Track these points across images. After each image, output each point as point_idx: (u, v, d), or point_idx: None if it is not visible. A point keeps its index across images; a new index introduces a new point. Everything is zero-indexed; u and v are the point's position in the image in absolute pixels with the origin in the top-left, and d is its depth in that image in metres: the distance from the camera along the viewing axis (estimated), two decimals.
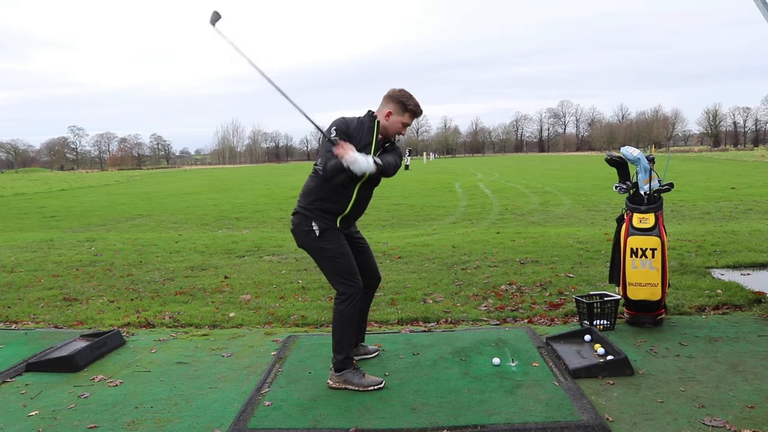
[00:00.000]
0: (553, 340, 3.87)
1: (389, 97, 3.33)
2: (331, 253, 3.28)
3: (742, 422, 2.71)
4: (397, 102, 3.30)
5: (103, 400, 3.25)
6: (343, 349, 3.31)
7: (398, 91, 3.32)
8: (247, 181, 33.53)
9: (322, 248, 3.28)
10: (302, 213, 3.30)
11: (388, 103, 3.32)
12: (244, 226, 12.37)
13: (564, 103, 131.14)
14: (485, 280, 5.88)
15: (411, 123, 3.38)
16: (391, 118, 3.30)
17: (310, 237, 3.28)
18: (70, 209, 18.28)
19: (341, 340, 3.29)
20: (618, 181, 4.51)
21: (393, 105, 3.30)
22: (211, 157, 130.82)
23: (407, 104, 3.29)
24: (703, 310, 4.62)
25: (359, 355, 3.68)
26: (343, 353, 3.31)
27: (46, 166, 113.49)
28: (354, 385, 3.27)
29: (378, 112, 3.34)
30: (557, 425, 2.75)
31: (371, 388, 3.26)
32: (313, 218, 3.26)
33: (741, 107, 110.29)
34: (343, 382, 3.29)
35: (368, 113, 3.36)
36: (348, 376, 3.29)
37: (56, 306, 5.51)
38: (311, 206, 3.28)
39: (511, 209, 13.70)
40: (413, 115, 3.35)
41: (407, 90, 3.35)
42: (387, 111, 3.31)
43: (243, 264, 7.29)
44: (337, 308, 3.28)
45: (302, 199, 3.33)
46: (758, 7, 4.47)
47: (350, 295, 3.27)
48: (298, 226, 3.32)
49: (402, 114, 3.31)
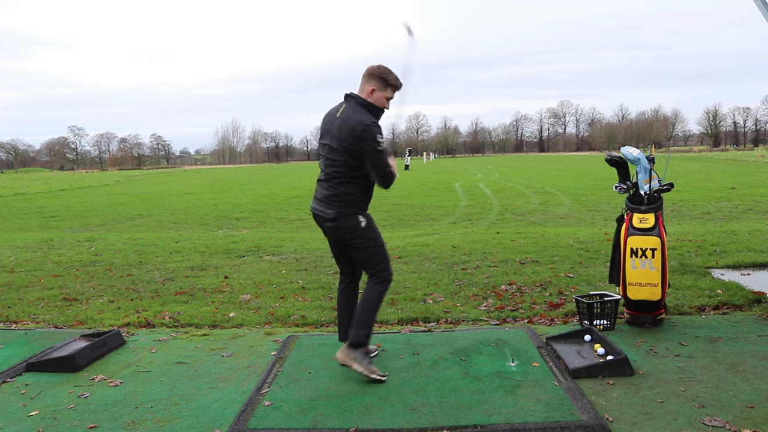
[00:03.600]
0: (553, 340, 3.87)
1: (369, 74, 3.39)
2: (378, 241, 3.47)
3: (742, 422, 2.71)
4: (378, 78, 3.36)
5: (103, 400, 3.25)
6: (368, 327, 3.42)
7: (377, 67, 3.39)
8: (247, 181, 33.53)
9: (369, 237, 3.43)
10: (345, 208, 3.38)
11: (369, 80, 3.38)
12: (244, 226, 12.37)
13: (564, 103, 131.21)
14: (485, 280, 5.88)
15: (393, 96, 3.44)
16: (375, 94, 3.37)
17: (357, 230, 3.39)
18: (70, 209, 18.29)
19: (370, 319, 3.42)
20: (618, 181, 4.51)
21: (375, 82, 3.37)
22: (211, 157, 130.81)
23: (388, 79, 3.37)
24: (703, 310, 4.62)
25: None
26: (365, 329, 3.41)
27: (46, 166, 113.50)
28: (359, 365, 3.35)
29: (360, 92, 3.40)
30: (557, 425, 2.75)
31: (373, 376, 3.33)
32: (356, 213, 3.40)
33: (741, 107, 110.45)
34: (352, 359, 3.37)
35: (352, 98, 3.39)
36: (358, 354, 3.37)
37: (56, 306, 5.51)
38: (354, 203, 3.39)
39: (511, 209, 13.70)
40: (395, 89, 3.42)
41: (385, 65, 3.42)
42: (370, 89, 3.37)
43: (243, 264, 7.29)
44: (375, 288, 3.42)
45: (340, 197, 3.39)
46: (758, 7, 4.48)
47: (387, 285, 3.46)
48: (341, 221, 3.39)
49: (384, 89, 3.38)
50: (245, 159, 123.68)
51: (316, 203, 3.52)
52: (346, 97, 3.44)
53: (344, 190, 3.38)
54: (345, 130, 3.29)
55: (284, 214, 14.76)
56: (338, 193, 3.40)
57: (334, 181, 3.41)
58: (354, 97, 3.41)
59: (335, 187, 3.41)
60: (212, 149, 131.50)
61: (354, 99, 3.40)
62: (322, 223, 3.52)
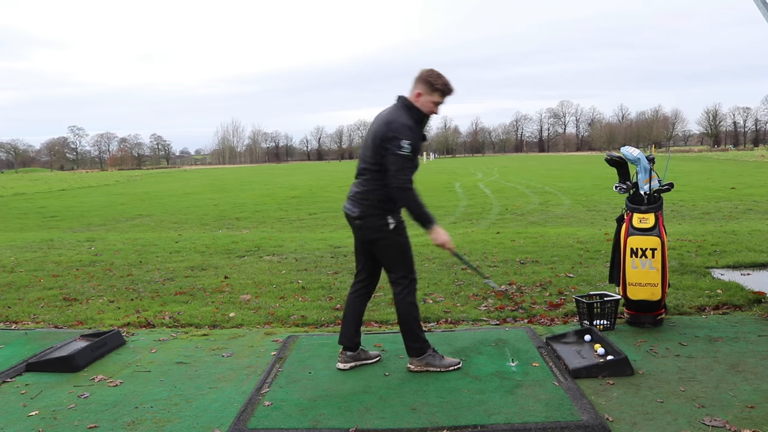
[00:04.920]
0: (553, 340, 3.87)
1: (418, 78, 3.39)
2: (405, 245, 3.47)
3: (742, 422, 2.71)
4: (425, 82, 3.36)
5: (103, 400, 3.25)
6: (419, 336, 3.47)
7: (427, 72, 3.38)
8: (247, 181, 33.53)
9: (396, 241, 3.42)
10: (372, 208, 3.37)
11: (417, 84, 3.39)
12: (244, 226, 12.37)
13: (564, 103, 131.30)
14: (485, 280, 5.87)
15: (442, 101, 3.43)
16: (421, 98, 3.37)
17: (384, 231, 3.38)
18: (70, 209, 18.29)
19: (415, 328, 3.47)
20: (618, 181, 4.50)
21: (421, 85, 3.37)
22: (211, 157, 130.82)
23: (435, 84, 3.35)
24: (703, 310, 4.62)
25: (360, 360, 3.65)
26: (419, 341, 3.47)
27: (46, 166, 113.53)
28: (435, 366, 3.47)
29: (409, 95, 3.41)
30: (557, 425, 2.75)
31: (452, 368, 3.47)
32: (387, 214, 3.37)
33: (741, 107, 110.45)
34: (425, 365, 3.48)
35: (399, 99, 3.41)
36: (429, 359, 3.48)
37: (56, 306, 5.51)
38: (381, 203, 3.36)
39: (511, 209, 13.70)
40: (443, 94, 3.40)
41: (436, 69, 3.40)
42: (417, 92, 3.37)
43: (243, 264, 7.29)
44: (405, 300, 3.45)
45: (367, 196, 3.38)
46: (758, 7, 4.48)
47: (414, 286, 3.48)
48: (370, 220, 3.38)
49: (431, 93, 3.37)
50: (245, 159, 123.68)
51: (347, 202, 3.50)
52: (397, 97, 3.45)
53: (372, 188, 3.36)
54: (380, 128, 3.30)
55: (284, 214, 14.77)
56: (366, 191, 3.38)
57: (363, 179, 3.41)
58: (401, 98, 3.42)
59: (364, 185, 3.40)
60: (212, 149, 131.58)
61: (401, 100, 3.41)
62: (351, 221, 3.50)
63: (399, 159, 3.22)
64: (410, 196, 3.26)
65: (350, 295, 3.69)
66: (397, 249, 3.43)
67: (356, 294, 3.67)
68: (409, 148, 3.23)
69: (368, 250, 3.56)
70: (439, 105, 3.42)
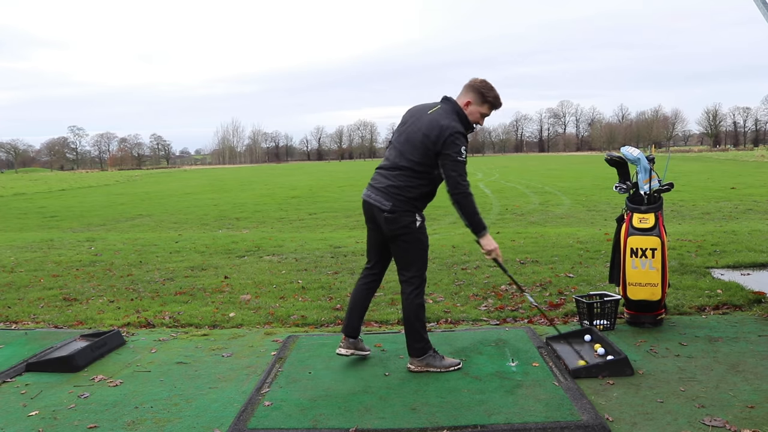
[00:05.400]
0: (553, 340, 3.87)
1: (470, 86, 3.40)
2: (425, 244, 3.46)
3: (742, 422, 2.71)
4: (477, 92, 3.38)
5: (103, 400, 3.25)
6: (422, 337, 3.48)
7: (480, 82, 3.40)
8: (247, 181, 33.53)
9: (419, 239, 3.42)
10: (404, 204, 3.35)
11: (468, 92, 3.40)
12: (244, 226, 12.37)
13: (564, 103, 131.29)
14: (485, 280, 5.88)
15: (489, 114, 3.46)
16: (469, 107, 3.39)
17: (410, 227, 3.37)
18: (70, 209, 18.29)
19: (419, 329, 3.47)
20: (618, 181, 4.50)
21: (473, 95, 3.38)
22: (211, 157, 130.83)
23: (487, 96, 3.38)
24: (703, 310, 4.62)
25: (357, 349, 3.66)
26: (422, 341, 3.48)
27: (46, 166, 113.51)
28: (435, 367, 3.47)
29: (458, 100, 3.41)
30: (557, 425, 2.75)
31: (452, 369, 3.47)
32: (416, 211, 3.38)
33: (741, 107, 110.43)
34: (425, 365, 3.48)
35: (449, 102, 3.41)
36: (429, 360, 3.48)
37: (56, 306, 5.51)
38: (414, 201, 3.36)
39: (511, 209, 13.70)
40: (492, 107, 3.44)
41: (489, 81, 3.42)
42: (466, 101, 3.39)
43: (243, 264, 7.29)
44: (414, 300, 3.45)
45: (402, 192, 3.35)
46: (758, 7, 4.48)
47: (423, 288, 3.50)
48: (399, 215, 3.36)
49: (481, 105, 3.40)
50: (245, 159, 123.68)
51: (373, 192, 3.43)
52: (444, 99, 3.44)
53: (410, 185, 3.34)
54: (434, 129, 3.28)
55: (284, 214, 14.77)
56: (403, 186, 3.35)
57: (400, 173, 3.36)
58: (451, 101, 3.41)
59: (401, 180, 3.35)
60: (212, 149, 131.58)
61: (450, 103, 3.40)
62: (375, 213, 3.42)
63: (460, 165, 3.25)
64: (471, 202, 3.29)
65: (359, 285, 3.69)
66: (418, 247, 3.43)
67: (365, 285, 3.67)
68: (466, 153, 3.27)
69: (384, 246, 3.55)
70: (485, 116, 3.43)
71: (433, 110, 3.39)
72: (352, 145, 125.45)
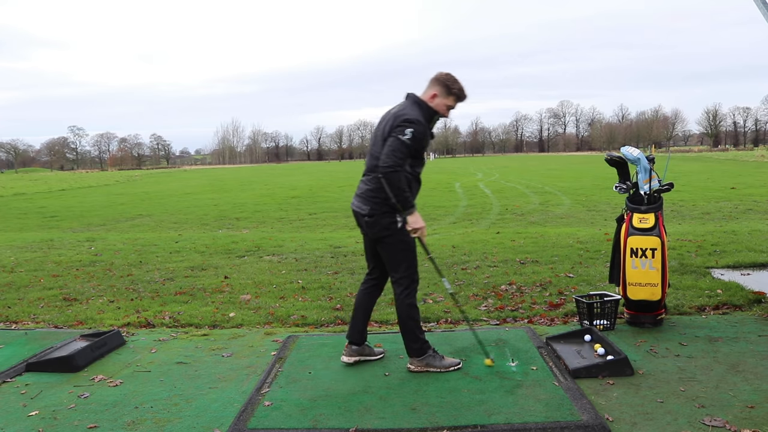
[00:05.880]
0: (553, 340, 3.87)
1: (436, 80, 3.43)
2: (409, 246, 3.47)
3: (742, 422, 2.71)
4: (442, 85, 3.41)
5: (103, 400, 3.25)
6: (418, 338, 3.49)
7: (445, 75, 3.43)
8: (247, 181, 33.53)
9: (401, 240, 3.42)
10: (382, 206, 3.37)
11: (434, 85, 3.43)
12: (244, 226, 12.37)
13: (564, 103, 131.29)
14: (485, 280, 5.88)
15: (455, 106, 3.48)
16: (435, 100, 3.41)
17: (391, 228, 3.39)
18: (70, 209, 18.29)
19: (415, 329, 3.48)
20: (618, 181, 4.50)
21: (439, 88, 3.41)
22: (211, 157, 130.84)
23: (452, 88, 3.41)
24: (703, 310, 4.62)
25: (364, 355, 3.68)
26: (419, 341, 3.49)
27: (46, 166, 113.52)
28: (435, 367, 3.48)
29: (423, 95, 3.44)
30: (557, 425, 2.75)
31: (452, 369, 3.48)
32: (396, 212, 3.37)
33: (741, 107, 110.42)
34: (425, 365, 3.48)
35: (410, 97, 3.44)
36: (429, 359, 3.49)
37: (56, 306, 5.51)
38: (389, 200, 3.34)
39: (511, 209, 13.70)
40: (457, 99, 3.46)
41: (453, 74, 3.45)
42: (432, 93, 3.41)
43: (243, 264, 7.29)
44: (405, 300, 3.47)
45: (378, 193, 3.37)
46: (758, 7, 4.48)
47: (415, 287, 3.51)
48: (379, 217, 3.38)
49: (446, 97, 3.42)
50: (245, 159, 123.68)
51: (356, 199, 3.51)
52: (406, 95, 3.48)
53: (382, 185, 3.35)
54: (389, 122, 3.33)
55: (284, 214, 14.77)
56: (377, 188, 3.37)
57: (373, 176, 3.40)
58: (412, 95, 3.45)
59: (374, 182, 3.39)
60: (212, 149, 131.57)
61: (411, 97, 3.44)
62: (359, 219, 3.49)
63: (397, 142, 3.23)
64: (398, 178, 3.22)
65: (361, 290, 3.73)
66: (402, 248, 3.44)
67: (366, 290, 3.71)
68: (412, 137, 3.23)
69: (377, 251, 3.58)
70: (451, 109, 3.47)
71: (394, 107, 3.46)
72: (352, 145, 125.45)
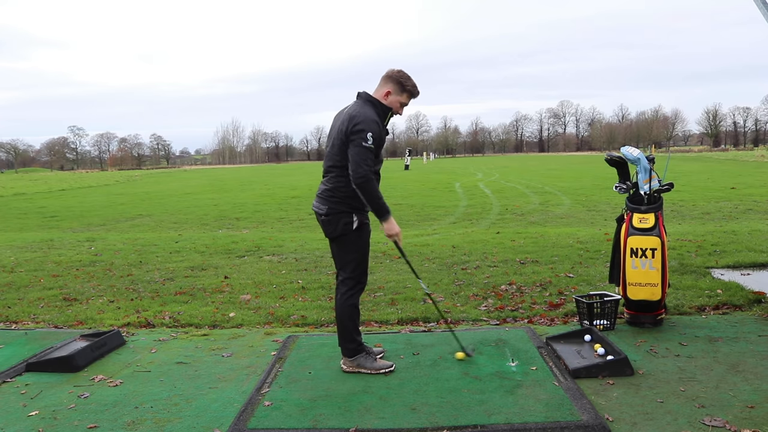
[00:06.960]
0: (553, 340, 3.87)
1: (388, 77, 3.43)
2: (362, 247, 3.47)
3: (742, 422, 2.71)
4: (396, 82, 3.41)
5: (103, 400, 3.25)
6: (354, 338, 3.50)
7: (397, 72, 3.43)
8: (247, 181, 33.52)
9: (354, 241, 3.44)
10: (339, 205, 3.38)
11: (387, 83, 3.43)
12: (244, 226, 12.37)
13: (564, 103, 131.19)
14: (485, 280, 5.88)
15: (408, 102, 3.48)
16: (389, 97, 3.42)
17: (347, 228, 3.40)
18: (70, 209, 18.29)
19: (352, 329, 3.49)
20: (618, 181, 4.51)
21: (392, 85, 3.41)
22: (211, 157, 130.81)
23: (405, 85, 3.41)
24: (703, 310, 4.62)
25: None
26: (354, 342, 3.50)
27: (46, 166, 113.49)
28: (367, 368, 3.49)
29: (375, 93, 3.44)
30: (557, 425, 2.75)
31: (383, 371, 3.48)
32: (353, 211, 3.39)
33: (741, 107, 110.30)
34: (356, 366, 3.50)
35: (361, 95, 3.43)
36: (361, 360, 3.51)
37: (56, 306, 5.51)
38: (348, 199, 3.37)
39: (511, 209, 13.70)
40: (411, 95, 3.47)
41: (405, 71, 3.45)
42: (386, 90, 3.41)
43: (243, 264, 7.29)
44: (347, 301, 3.47)
45: (334, 193, 3.39)
46: (758, 7, 4.48)
47: (360, 289, 3.51)
48: (335, 216, 3.39)
49: (400, 94, 3.43)
50: (245, 159, 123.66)
51: (315, 200, 3.54)
52: (357, 94, 3.48)
53: (340, 184, 3.38)
54: (344, 122, 3.32)
55: (284, 214, 14.77)
56: (333, 188, 3.40)
57: (330, 176, 3.43)
58: (364, 94, 3.44)
59: (330, 182, 3.42)
60: (212, 149, 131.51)
61: (363, 96, 3.44)
62: (318, 219, 3.53)
63: (362, 151, 3.24)
64: (370, 187, 3.27)
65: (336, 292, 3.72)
66: (354, 248, 3.45)
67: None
68: (372, 141, 3.25)
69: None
70: (404, 106, 3.48)
71: (348, 107, 3.46)
72: None
